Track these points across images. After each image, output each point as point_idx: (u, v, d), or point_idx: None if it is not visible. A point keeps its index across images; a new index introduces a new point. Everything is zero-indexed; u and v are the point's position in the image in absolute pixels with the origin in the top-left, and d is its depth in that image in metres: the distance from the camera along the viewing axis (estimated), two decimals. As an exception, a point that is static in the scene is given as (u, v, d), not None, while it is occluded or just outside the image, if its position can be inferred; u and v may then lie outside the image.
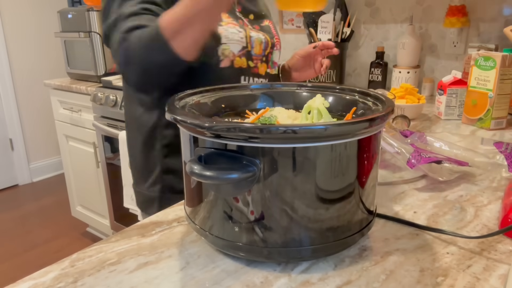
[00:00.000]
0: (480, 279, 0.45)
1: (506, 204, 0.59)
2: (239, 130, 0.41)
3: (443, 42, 1.51)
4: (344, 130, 0.43)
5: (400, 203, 0.64)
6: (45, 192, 2.92)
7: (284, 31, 1.98)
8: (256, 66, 0.92)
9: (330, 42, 1.02)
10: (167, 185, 0.89)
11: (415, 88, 1.22)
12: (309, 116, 0.55)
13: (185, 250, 0.52)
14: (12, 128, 2.97)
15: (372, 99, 0.57)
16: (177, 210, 0.63)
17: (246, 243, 0.46)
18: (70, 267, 0.49)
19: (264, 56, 0.93)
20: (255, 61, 0.91)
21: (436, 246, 0.52)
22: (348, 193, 0.46)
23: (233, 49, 0.84)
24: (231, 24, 0.85)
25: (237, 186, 0.44)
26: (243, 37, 0.86)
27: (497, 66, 1.02)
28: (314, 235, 0.46)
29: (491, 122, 1.05)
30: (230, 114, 0.62)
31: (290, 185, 0.43)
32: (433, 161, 0.70)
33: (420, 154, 0.70)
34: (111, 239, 0.55)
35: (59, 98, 2.11)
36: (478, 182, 0.72)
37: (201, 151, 0.45)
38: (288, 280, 0.46)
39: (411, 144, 0.78)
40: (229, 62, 0.85)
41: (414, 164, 0.69)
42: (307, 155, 0.43)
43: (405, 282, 0.45)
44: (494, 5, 1.37)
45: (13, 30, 2.90)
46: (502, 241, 0.53)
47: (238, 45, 0.85)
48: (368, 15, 1.68)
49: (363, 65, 1.75)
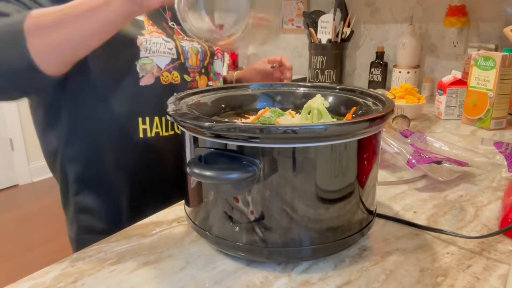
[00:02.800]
0: (480, 279, 0.45)
1: (506, 204, 0.59)
2: (239, 130, 0.41)
3: (443, 42, 1.51)
4: (344, 130, 0.43)
5: (400, 203, 0.64)
6: (45, 192, 2.92)
7: (284, 31, 1.98)
8: (195, 80, 0.79)
9: (287, 62, 0.95)
10: (83, 226, 0.76)
11: (415, 88, 1.22)
12: (309, 116, 0.55)
13: (185, 250, 0.52)
14: (12, 128, 2.97)
15: (372, 99, 0.57)
16: (177, 210, 0.63)
17: (246, 243, 0.46)
18: (70, 267, 0.49)
19: (203, 67, 0.81)
20: (192, 74, 0.78)
21: (436, 246, 0.52)
22: (348, 193, 0.46)
23: (158, 63, 0.71)
24: (156, 33, 0.72)
25: (237, 186, 0.44)
26: (172, 47, 0.73)
27: (497, 66, 1.02)
28: (314, 235, 0.46)
29: (491, 122, 1.05)
30: (230, 114, 0.63)
31: (290, 185, 0.43)
32: (433, 161, 0.70)
33: (420, 154, 0.70)
34: (111, 239, 0.55)
35: (59, 98, 2.10)
36: (478, 182, 0.72)
37: (201, 151, 0.45)
38: (288, 280, 0.46)
39: (411, 144, 0.78)
40: (153, 79, 0.71)
41: (414, 164, 0.69)
42: (307, 155, 0.43)
43: (405, 282, 0.45)
44: (494, 5, 1.37)
45: (13, 30, 2.90)
46: (502, 241, 0.53)
47: (166, 58, 0.72)
48: (368, 15, 1.68)
49: (363, 65, 1.75)
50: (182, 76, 0.76)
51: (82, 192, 0.74)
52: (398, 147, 0.74)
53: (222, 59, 0.88)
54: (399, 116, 1.00)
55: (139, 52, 0.69)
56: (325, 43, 1.58)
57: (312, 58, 1.62)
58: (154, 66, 0.71)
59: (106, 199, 0.75)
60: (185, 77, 0.77)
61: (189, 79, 0.78)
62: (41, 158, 2.97)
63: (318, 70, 1.61)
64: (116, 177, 0.74)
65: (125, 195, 0.75)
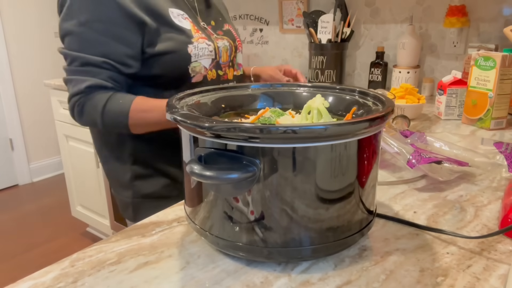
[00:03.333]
0: (480, 279, 0.45)
1: (506, 204, 0.59)
2: (239, 130, 0.41)
3: (443, 42, 1.51)
4: (344, 130, 0.43)
5: (400, 203, 0.64)
6: (45, 192, 2.92)
7: (284, 31, 1.98)
8: (225, 73, 0.93)
9: (301, 77, 1.07)
10: (137, 191, 0.91)
11: (415, 88, 1.22)
12: (309, 116, 0.55)
13: (185, 250, 0.52)
14: (12, 128, 2.97)
15: (372, 99, 0.57)
16: (177, 210, 0.63)
17: (246, 243, 0.46)
18: (70, 267, 0.49)
19: (230, 61, 0.95)
20: (223, 68, 0.93)
21: (436, 246, 0.52)
22: (348, 193, 0.46)
23: (204, 64, 0.86)
24: (201, 39, 0.86)
25: (237, 186, 0.44)
26: (212, 50, 0.87)
27: (497, 66, 1.02)
28: (314, 235, 0.46)
29: (491, 122, 1.05)
30: (230, 114, 0.62)
31: (290, 185, 0.43)
32: (433, 161, 0.70)
33: (420, 154, 0.70)
34: (111, 239, 0.55)
35: (59, 98, 2.10)
36: (478, 182, 0.72)
37: (201, 151, 0.45)
38: (288, 280, 0.46)
39: (411, 144, 0.78)
40: (202, 77, 0.86)
41: (414, 164, 0.69)
42: (307, 155, 0.43)
43: (405, 282, 0.45)
44: (494, 5, 1.37)
45: (13, 30, 2.90)
46: (502, 241, 0.53)
47: (209, 59, 0.87)
48: (368, 15, 1.68)
49: (363, 65, 1.75)
50: (217, 71, 0.90)
51: (137, 163, 0.89)
52: (398, 147, 0.74)
53: (241, 51, 1.02)
54: (399, 116, 1.00)
55: (190, 58, 0.83)
56: (325, 43, 1.58)
57: (312, 58, 1.62)
58: (202, 68, 0.86)
59: None
60: (219, 72, 0.91)
61: (221, 73, 0.92)
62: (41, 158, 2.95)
63: (318, 70, 1.61)
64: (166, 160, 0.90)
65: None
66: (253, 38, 2.11)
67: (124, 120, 0.78)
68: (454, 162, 0.73)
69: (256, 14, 2.07)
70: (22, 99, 3.01)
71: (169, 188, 0.91)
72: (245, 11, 2.10)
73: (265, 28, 2.05)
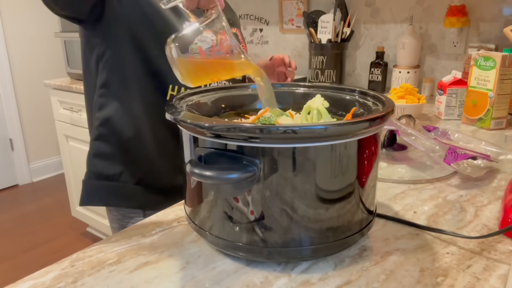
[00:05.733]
0: (480, 279, 0.45)
1: (506, 204, 0.59)
2: (239, 130, 0.41)
3: (443, 42, 1.51)
4: (344, 130, 0.43)
5: (400, 203, 0.64)
6: (45, 192, 2.92)
7: (284, 31, 1.98)
8: None
9: (285, 57, 1.07)
10: (93, 171, 0.84)
11: (415, 88, 1.22)
12: (309, 116, 0.55)
13: (185, 250, 0.52)
14: (12, 128, 2.97)
15: (372, 99, 0.57)
16: (177, 210, 0.63)
17: (246, 243, 0.46)
18: (70, 267, 0.49)
19: None
20: None
21: (436, 246, 0.52)
22: (348, 193, 0.46)
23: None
24: None
25: (237, 186, 0.44)
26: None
27: (497, 66, 1.02)
28: (314, 235, 0.46)
29: (491, 122, 1.05)
30: (230, 114, 0.62)
31: (290, 185, 0.43)
32: (469, 158, 0.71)
33: (456, 151, 0.71)
34: (111, 239, 0.55)
35: (59, 98, 2.10)
36: (478, 182, 0.72)
37: (201, 151, 0.45)
38: (288, 280, 0.46)
39: (434, 138, 0.78)
40: None
41: (451, 161, 0.69)
42: (307, 155, 0.43)
43: (405, 282, 0.45)
44: (494, 5, 1.37)
45: (13, 30, 2.90)
46: (502, 241, 0.53)
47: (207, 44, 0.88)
48: (368, 15, 1.68)
49: (363, 65, 1.75)
50: None
51: (101, 138, 0.83)
52: (431, 144, 0.74)
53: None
54: (404, 115, 1.00)
55: None
56: (325, 43, 1.58)
57: (312, 58, 1.62)
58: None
59: None
60: None
61: None
62: (41, 158, 2.94)
63: (318, 70, 1.61)
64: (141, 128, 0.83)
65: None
66: (253, 38, 2.11)
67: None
68: (485, 157, 0.73)
69: (256, 14, 2.07)
70: (22, 99, 3.01)
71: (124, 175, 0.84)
72: (245, 11, 2.10)
73: (265, 28, 2.05)
